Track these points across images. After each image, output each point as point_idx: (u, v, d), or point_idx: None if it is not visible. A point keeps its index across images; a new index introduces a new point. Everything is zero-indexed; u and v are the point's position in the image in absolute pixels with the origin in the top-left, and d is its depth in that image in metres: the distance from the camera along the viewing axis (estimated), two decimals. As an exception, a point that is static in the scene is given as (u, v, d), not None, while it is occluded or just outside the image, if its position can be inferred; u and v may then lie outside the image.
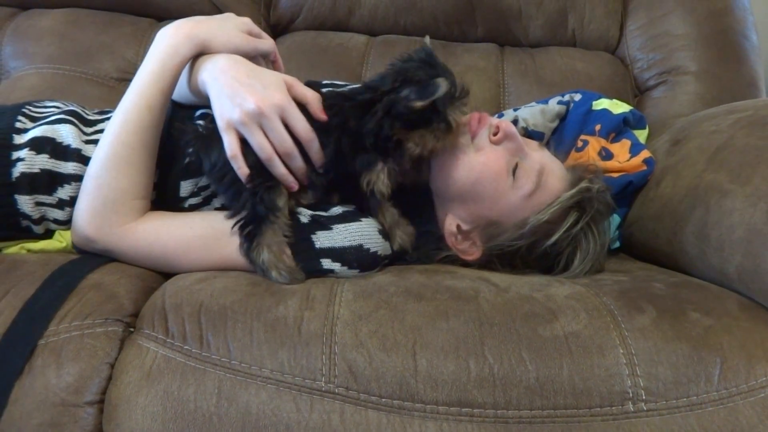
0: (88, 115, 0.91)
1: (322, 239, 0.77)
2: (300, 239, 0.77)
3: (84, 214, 0.77)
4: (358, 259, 0.78)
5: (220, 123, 0.76)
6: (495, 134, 0.85)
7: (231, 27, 0.86)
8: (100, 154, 0.78)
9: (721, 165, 0.83)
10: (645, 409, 0.61)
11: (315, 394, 0.62)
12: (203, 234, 0.78)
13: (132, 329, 0.69)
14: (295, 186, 0.78)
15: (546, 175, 0.85)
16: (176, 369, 0.64)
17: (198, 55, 0.82)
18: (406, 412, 0.61)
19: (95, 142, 0.84)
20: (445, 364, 0.63)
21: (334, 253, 0.77)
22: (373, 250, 0.79)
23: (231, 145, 0.75)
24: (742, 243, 0.73)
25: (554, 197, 0.84)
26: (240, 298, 0.69)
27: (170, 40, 0.81)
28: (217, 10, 1.45)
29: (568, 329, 0.66)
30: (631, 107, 1.16)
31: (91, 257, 0.77)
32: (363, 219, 0.80)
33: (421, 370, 0.63)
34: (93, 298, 0.69)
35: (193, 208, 0.84)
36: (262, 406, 0.62)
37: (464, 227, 0.87)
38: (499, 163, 0.84)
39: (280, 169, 0.76)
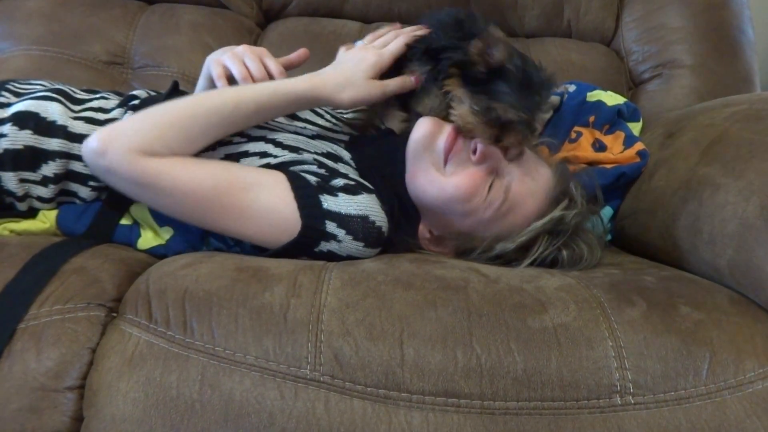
0: (76, 93, 0.89)
1: (330, 202, 0.77)
2: (307, 195, 0.77)
3: (113, 128, 0.75)
4: (363, 230, 0.77)
5: (210, 63, 0.87)
6: (474, 152, 0.82)
7: (360, 77, 0.85)
8: (168, 104, 0.77)
9: (715, 158, 0.83)
10: (632, 402, 0.61)
11: (300, 382, 0.61)
12: (218, 174, 0.76)
13: (115, 314, 0.67)
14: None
15: (516, 191, 0.83)
16: (159, 355, 0.63)
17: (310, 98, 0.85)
18: (392, 401, 0.61)
19: (84, 119, 0.83)
20: (432, 354, 0.62)
21: (340, 218, 0.77)
22: (378, 224, 0.79)
23: (218, 72, 0.85)
24: (735, 237, 0.73)
25: (527, 216, 0.83)
26: (226, 284, 0.68)
27: (297, 81, 0.83)
28: (211, -6, 1.43)
29: (557, 321, 0.65)
30: (625, 99, 1.16)
31: (74, 241, 0.76)
32: (364, 193, 0.80)
33: (407, 360, 0.62)
34: (75, 282, 0.67)
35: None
36: (246, 393, 0.61)
37: (436, 233, 0.88)
38: (474, 184, 0.81)
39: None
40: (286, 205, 0.77)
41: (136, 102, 0.88)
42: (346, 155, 0.90)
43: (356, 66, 0.85)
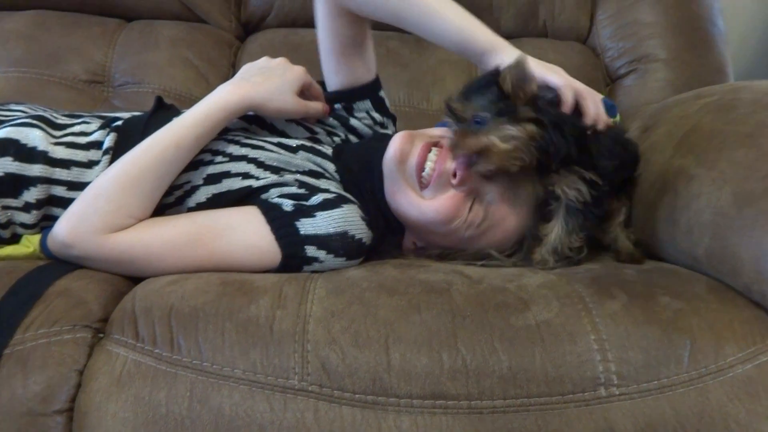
0: (57, 119, 0.89)
1: (307, 226, 0.78)
2: (284, 225, 0.77)
3: (70, 217, 0.75)
4: (344, 246, 0.78)
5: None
6: (453, 175, 0.82)
7: (287, 89, 0.87)
8: (112, 169, 0.78)
9: (689, 150, 0.84)
10: (617, 393, 0.62)
11: (288, 393, 0.62)
12: (188, 231, 0.77)
13: (101, 335, 0.68)
14: None
15: (497, 212, 0.83)
16: (147, 373, 0.63)
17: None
18: (381, 407, 0.61)
19: (65, 144, 0.83)
20: (418, 358, 0.63)
21: (320, 240, 0.77)
22: (358, 236, 0.79)
23: None
24: (710, 226, 0.74)
25: (510, 231, 0.84)
26: (211, 298, 0.68)
27: (226, 95, 0.84)
28: (186, 9, 1.44)
29: (540, 318, 0.66)
30: (602, 96, 1.17)
31: (58, 264, 0.76)
32: (344, 205, 0.80)
33: (394, 365, 0.62)
34: (60, 305, 0.67)
35: (165, 208, 0.83)
36: (235, 407, 0.61)
37: (419, 245, 0.89)
38: (455, 208, 0.82)
39: None
40: (262, 238, 0.77)
41: (119, 123, 0.88)
42: (330, 167, 0.90)
43: (283, 77, 0.87)
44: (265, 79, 0.86)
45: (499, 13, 1.44)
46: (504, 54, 0.83)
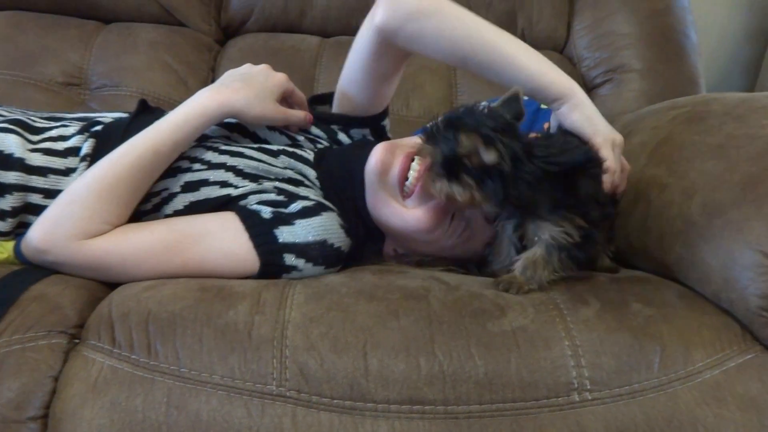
0: (35, 122, 0.87)
1: (285, 234, 0.77)
2: (262, 233, 0.77)
3: (44, 222, 0.74)
4: (322, 254, 0.78)
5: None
6: None
7: (268, 96, 0.87)
8: (87, 174, 0.76)
9: (661, 160, 0.86)
10: (590, 398, 0.63)
11: (266, 399, 0.62)
12: (165, 238, 0.76)
13: (77, 341, 0.67)
14: None
15: (479, 221, 0.84)
16: (123, 379, 0.63)
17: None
18: (358, 412, 0.62)
19: (43, 150, 0.82)
20: (395, 363, 0.63)
21: (298, 249, 0.77)
22: (337, 245, 0.80)
23: None
24: (680, 235, 0.76)
25: (485, 242, 0.85)
26: (189, 304, 0.68)
27: (205, 101, 0.83)
28: (166, 12, 1.43)
29: (515, 324, 0.67)
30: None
31: (34, 269, 0.75)
32: (324, 213, 0.81)
33: (372, 370, 0.63)
34: (35, 310, 0.67)
35: (142, 215, 0.82)
36: (213, 412, 0.61)
37: (400, 252, 0.90)
38: (437, 218, 0.82)
39: None
40: (240, 246, 0.77)
41: (98, 128, 0.87)
42: (311, 174, 0.90)
43: (264, 83, 0.87)
44: (245, 86, 0.85)
45: (478, 22, 1.46)
46: (569, 103, 0.80)
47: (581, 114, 0.80)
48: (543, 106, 1.15)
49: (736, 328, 0.69)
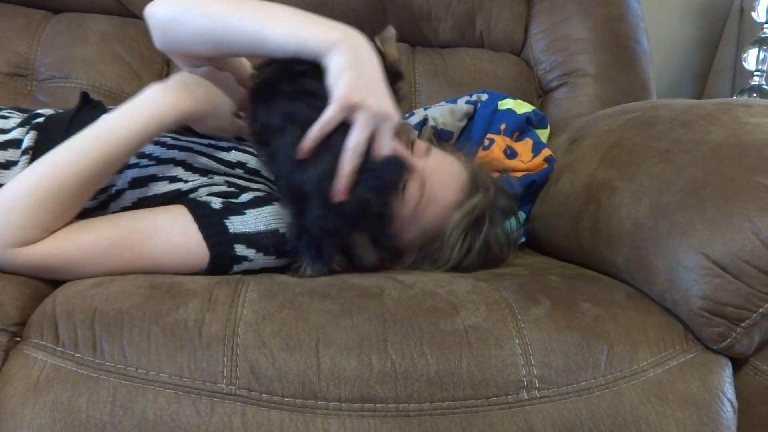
0: None
1: (236, 224, 0.76)
2: (212, 224, 0.76)
3: None
4: (273, 244, 0.77)
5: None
6: None
7: (227, 109, 0.82)
8: (30, 176, 0.71)
9: (612, 163, 0.88)
10: (538, 396, 0.64)
11: (216, 397, 0.61)
12: (110, 235, 0.73)
13: (18, 339, 0.65)
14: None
15: (432, 185, 0.83)
16: (67, 378, 0.61)
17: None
18: (309, 410, 0.61)
19: None
20: (348, 362, 0.63)
21: (249, 238, 0.76)
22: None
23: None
24: (629, 237, 0.78)
25: (445, 206, 0.84)
26: (138, 301, 0.66)
27: (167, 109, 0.76)
28: (118, 3, 1.39)
29: (468, 323, 0.68)
30: (533, 107, 1.21)
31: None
32: (275, 203, 0.80)
33: (324, 368, 0.63)
34: (-27, 307, 0.64)
35: (87, 212, 0.79)
36: (160, 411, 0.60)
37: None
38: None
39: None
40: (189, 239, 0.75)
41: (40, 120, 0.83)
42: (263, 169, 0.89)
43: (225, 96, 0.82)
44: (208, 95, 0.81)
45: (437, 23, 1.47)
46: (330, 55, 0.72)
47: (335, 66, 0.71)
48: (500, 108, 1.17)
49: (679, 328, 0.71)
